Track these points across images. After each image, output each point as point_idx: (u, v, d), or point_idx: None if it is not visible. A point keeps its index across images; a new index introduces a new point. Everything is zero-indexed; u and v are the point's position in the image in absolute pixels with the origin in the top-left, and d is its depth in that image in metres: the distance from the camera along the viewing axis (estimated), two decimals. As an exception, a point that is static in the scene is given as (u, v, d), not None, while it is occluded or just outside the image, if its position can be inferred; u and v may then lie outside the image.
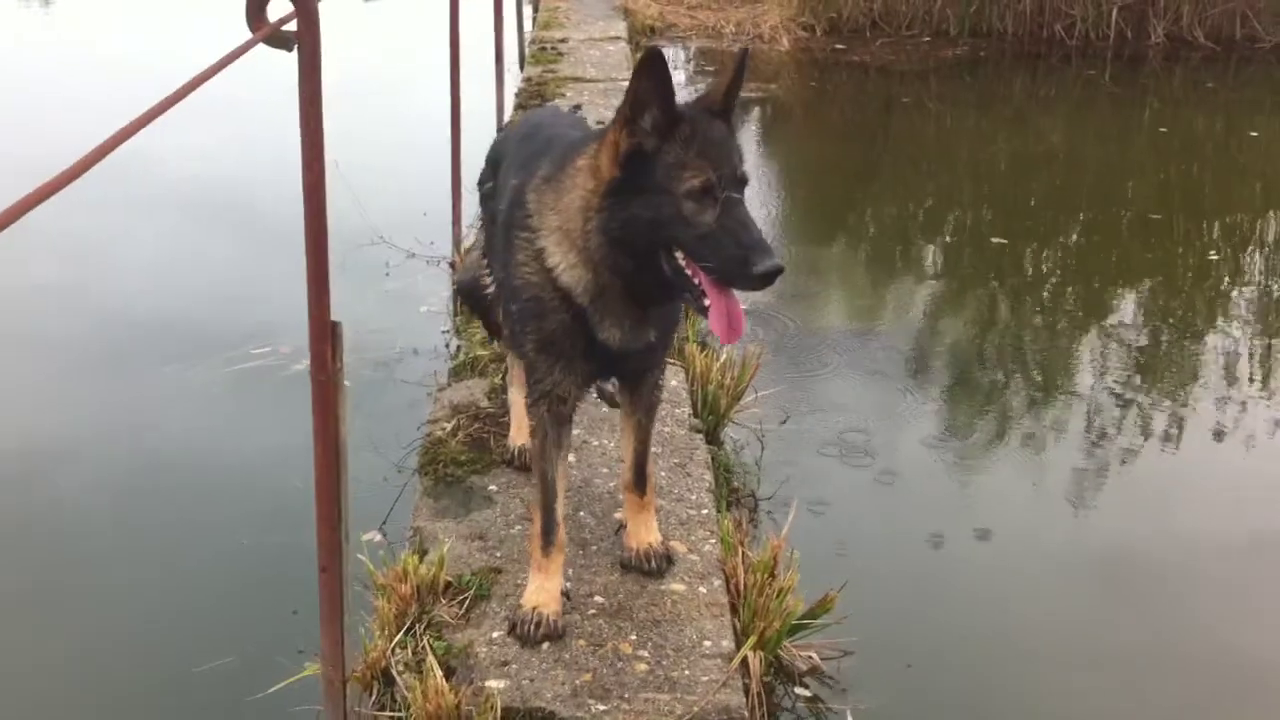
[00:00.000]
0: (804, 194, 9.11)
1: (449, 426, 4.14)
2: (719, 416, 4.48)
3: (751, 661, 3.07)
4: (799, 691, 3.33)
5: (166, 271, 6.79)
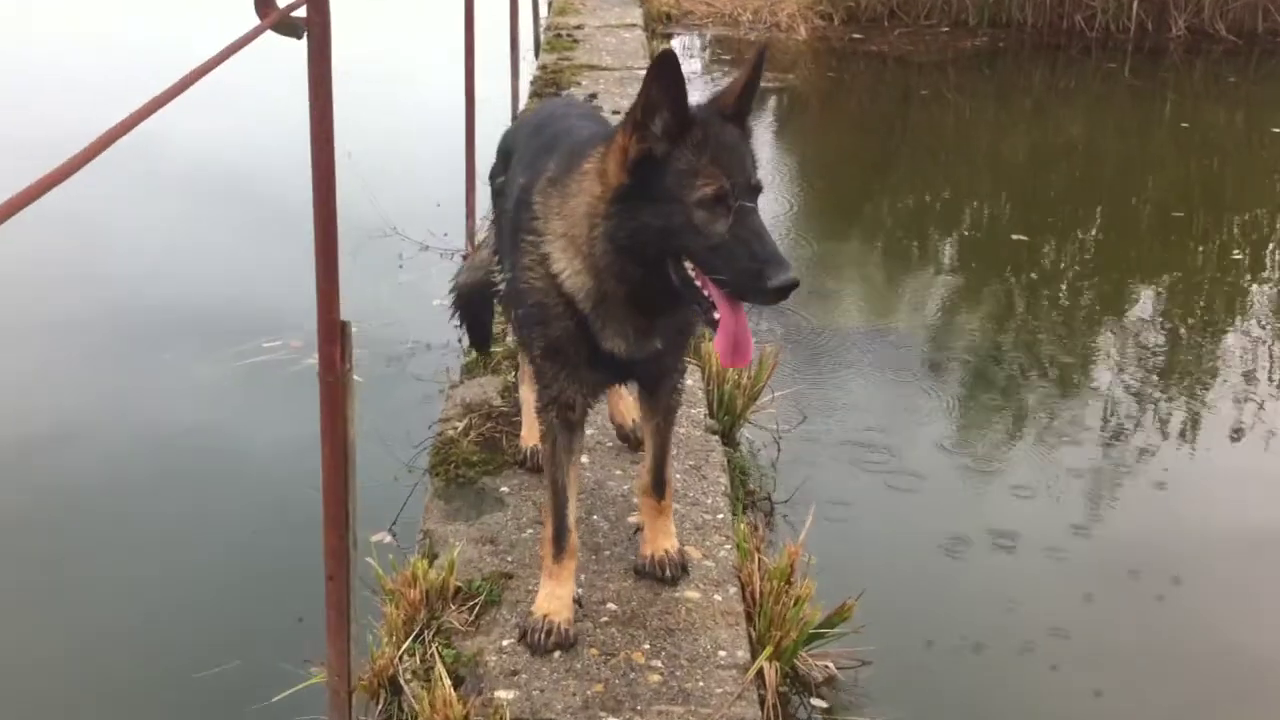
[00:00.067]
0: (821, 186, 9.00)
1: (460, 426, 4.07)
2: (735, 417, 4.40)
3: (767, 672, 3.00)
4: (815, 703, 3.25)
5: (179, 259, 6.73)
